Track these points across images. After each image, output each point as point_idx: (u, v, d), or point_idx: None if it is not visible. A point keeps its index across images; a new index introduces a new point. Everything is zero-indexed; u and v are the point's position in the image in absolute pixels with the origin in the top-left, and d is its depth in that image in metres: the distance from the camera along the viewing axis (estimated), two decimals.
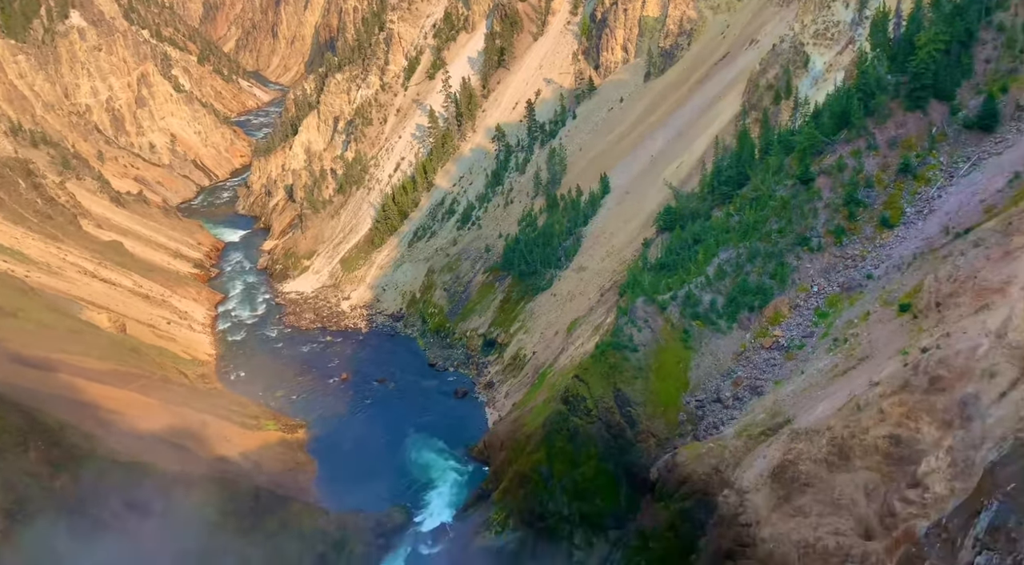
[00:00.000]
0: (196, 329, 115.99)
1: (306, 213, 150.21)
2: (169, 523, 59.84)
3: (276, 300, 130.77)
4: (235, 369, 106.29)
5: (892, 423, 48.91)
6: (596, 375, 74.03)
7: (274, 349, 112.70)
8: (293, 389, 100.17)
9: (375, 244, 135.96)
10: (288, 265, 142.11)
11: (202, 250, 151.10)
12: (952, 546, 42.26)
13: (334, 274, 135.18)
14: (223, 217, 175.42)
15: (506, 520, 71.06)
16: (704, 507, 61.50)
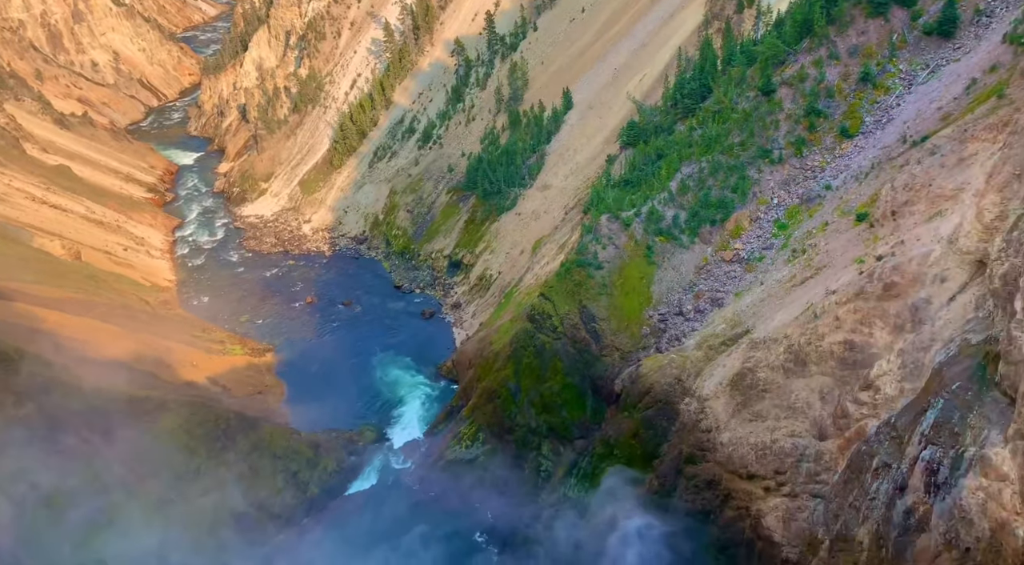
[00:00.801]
0: (154, 255, 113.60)
1: (261, 134, 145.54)
2: (139, 448, 60.17)
3: (235, 224, 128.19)
4: (197, 295, 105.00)
5: (847, 329, 50.59)
6: (561, 293, 74.90)
7: (236, 274, 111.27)
8: (258, 313, 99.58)
9: (334, 165, 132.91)
10: (245, 188, 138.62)
11: (155, 174, 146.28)
12: (900, 443, 44.62)
13: (293, 197, 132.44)
14: (175, 139, 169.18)
15: (476, 434, 72.88)
16: (666, 415, 63.75)
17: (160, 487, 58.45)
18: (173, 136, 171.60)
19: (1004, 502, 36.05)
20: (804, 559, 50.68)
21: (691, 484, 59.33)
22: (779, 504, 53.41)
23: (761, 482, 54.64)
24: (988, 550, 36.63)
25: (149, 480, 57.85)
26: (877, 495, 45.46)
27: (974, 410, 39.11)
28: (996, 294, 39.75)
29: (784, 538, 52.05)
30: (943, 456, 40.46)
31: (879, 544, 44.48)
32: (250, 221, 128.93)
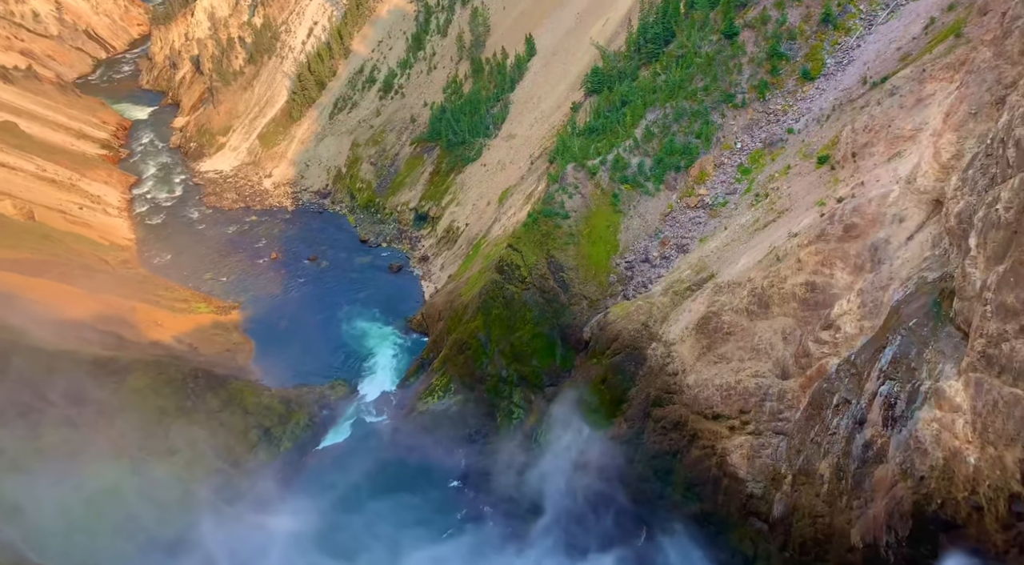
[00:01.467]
0: (111, 213, 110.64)
1: (216, 86, 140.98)
2: (107, 408, 59.61)
3: (194, 180, 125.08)
4: (158, 253, 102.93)
5: (808, 271, 51.59)
6: (529, 243, 74.95)
7: (197, 231, 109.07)
8: (222, 271, 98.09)
9: (293, 118, 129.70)
10: (203, 143, 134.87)
11: (108, 129, 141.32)
12: (859, 379, 46.08)
13: (253, 151, 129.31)
14: (126, 93, 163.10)
15: (447, 385, 73.46)
16: (634, 360, 64.85)
17: (131, 447, 58.13)
18: (124, 90, 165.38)
19: (957, 432, 37.61)
20: (768, 493, 52.63)
21: (658, 426, 60.78)
22: (744, 442, 55.08)
23: (726, 422, 56.19)
24: (941, 478, 38.32)
25: (117, 440, 57.47)
26: (837, 430, 47.11)
27: (930, 345, 40.43)
28: (951, 232, 40.75)
29: (749, 474, 53.84)
30: (900, 390, 41.95)
31: (839, 476, 46.28)
32: (209, 177, 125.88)
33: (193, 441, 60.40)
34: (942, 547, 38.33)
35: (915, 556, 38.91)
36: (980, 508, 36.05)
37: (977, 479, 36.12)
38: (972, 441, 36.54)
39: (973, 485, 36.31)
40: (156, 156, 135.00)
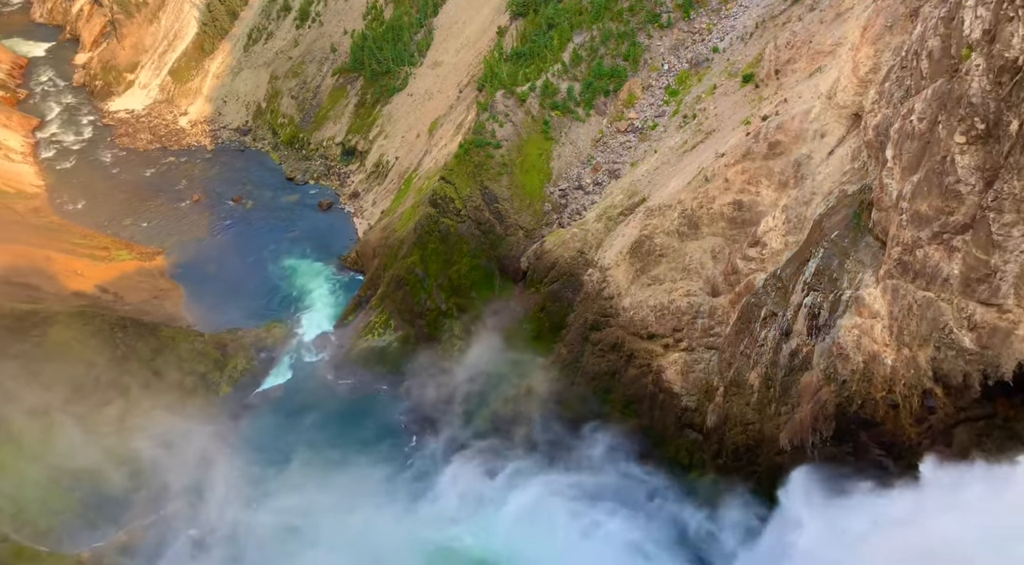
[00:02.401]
0: (15, 159, 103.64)
1: (119, 19, 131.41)
2: (31, 363, 57.30)
3: (103, 121, 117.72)
4: (71, 200, 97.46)
5: (735, 190, 52.76)
6: (462, 175, 74.02)
7: (112, 175, 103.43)
8: (142, 216, 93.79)
9: (206, 51, 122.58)
10: (110, 80, 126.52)
11: (2, 68, 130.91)
12: (785, 292, 47.99)
13: (165, 88, 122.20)
14: (17, 27, 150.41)
15: (387, 321, 73.20)
16: (571, 287, 65.85)
17: (58, 401, 56.33)
18: (15, 24, 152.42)
19: (875, 336, 39.78)
20: (702, 406, 55.11)
21: (597, 349, 62.38)
22: (678, 359, 57.15)
23: (661, 340, 58.06)
24: (861, 380, 40.70)
25: (44, 394, 55.53)
26: (765, 342, 49.26)
27: (850, 256, 42.23)
28: (870, 145, 42.09)
29: (683, 389, 56.10)
30: (823, 300, 43.94)
31: (767, 385, 48.65)
32: (120, 117, 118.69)
33: (124, 391, 58.88)
34: (862, 443, 41.09)
35: (838, 453, 41.64)
36: (896, 405, 38.62)
37: (894, 379, 38.55)
38: (889, 344, 38.81)
39: (890, 385, 38.78)
40: (59, 96, 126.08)
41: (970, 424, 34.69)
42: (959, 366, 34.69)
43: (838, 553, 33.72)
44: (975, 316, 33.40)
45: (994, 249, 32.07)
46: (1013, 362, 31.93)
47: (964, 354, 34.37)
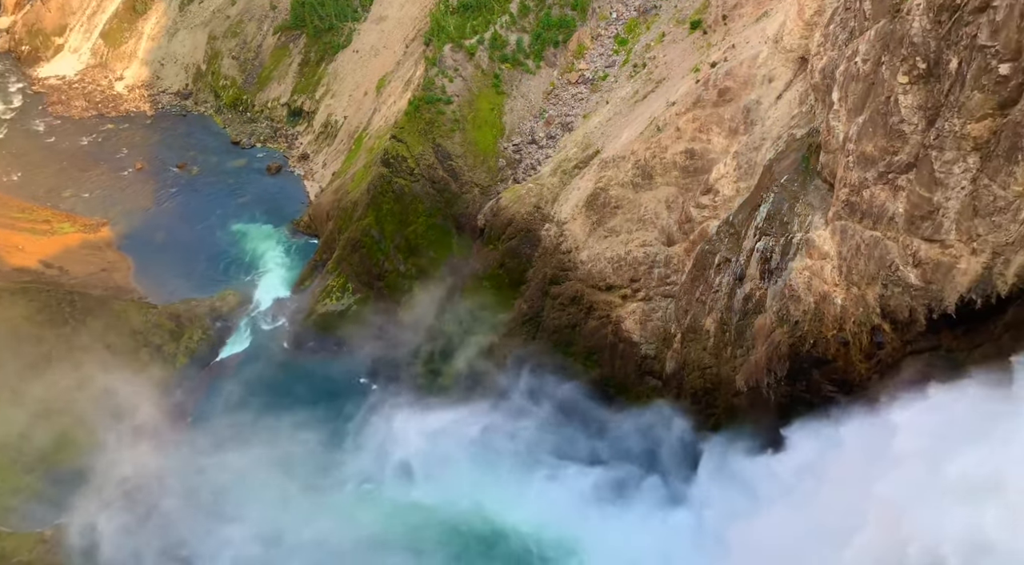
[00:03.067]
0: None
1: None
2: None
3: (33, 88, 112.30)
4: (5, 172, 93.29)
5: (687, 139, 53.05)
6: (413, 133, 72.87)
7: (47, 144, 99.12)
8: (82, 186, 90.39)
9: (138, 11, 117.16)
10: (37, 45, 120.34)
11: None
12: (738, 238, 48.79)
13: (98, 52, 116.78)
14: None
15: (345, 285, 72.51)
16: (529, 243, 65.92)
17: (10, 380, 54.81)
18: None
19: (825, 277, 40.82)
20: (660, 353, 56.21)
21: (557, 303, 62.87)
22: (636, 308, 57.98)
23: (619, 291, 58.77)
24: (813, 320, 41.85)
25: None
26: (720, 287, 50.21)
27: (800, 199, 43.01)
28: (816, 88, 42.58)
29: (642, 337, 57.07)
30: (775, 244, 44.81)
31: (723, 329, 49.77)
32: (51, 83, 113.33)
33: (78, 366, 57.53)
34: (815, 381, 42.50)
35: (792, 392, 43.02)
36: (847, 343, 39.89)
37: (844, 317, 39.74)
38: (839, 284, 39.90)
39: (840, 323, 39.98)
40: None
41: (916, 356, 36.05)
42: (905, 302, 35.87)
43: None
44: (919, 253, 34.46)
45: (936, 187, 32.97)
46: (955, 295, 33.14)
47: (910, 290, 35.52)
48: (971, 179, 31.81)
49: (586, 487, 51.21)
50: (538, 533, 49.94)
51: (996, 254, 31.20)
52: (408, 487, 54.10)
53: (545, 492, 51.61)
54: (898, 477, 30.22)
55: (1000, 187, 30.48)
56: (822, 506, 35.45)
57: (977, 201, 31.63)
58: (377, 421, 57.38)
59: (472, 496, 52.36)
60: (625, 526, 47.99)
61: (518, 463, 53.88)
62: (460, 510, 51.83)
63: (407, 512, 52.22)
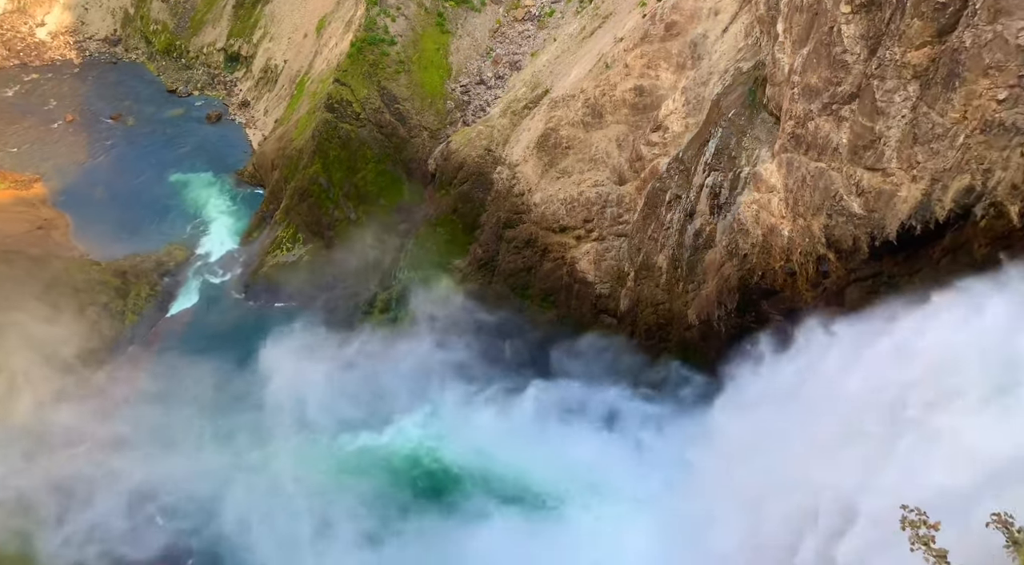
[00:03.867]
0: None
1: None
2: None
3: None
4: None
5: (636, 75, 52.71)
6: (357, 76, 70.86)
7: None
8: (9, 140, 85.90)
9: None
10: None
11: None
12: (687, 175, 49.15)
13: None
14: None
15: (295, 235, 71.18)
16: (481, 187, 65.38)
17: None
18: None
19: (773, 210, 41.53)
20: (615, 292, 56.95)
21: (512, 246, 62.88)
22: (590, 249, 58.40)
23: (573, 232, 58.99)
24: (761, 252, 42.74)
25: None
26: (671, 224, 50.77)
27: (747, 133, 43.34)
28: (761, 20, 42.48)
29: (596, 277, 57.65)
30: (723, 179, 45.30)
31: (675, 266, 50.53)
32: None
33: (20, 327, 55.72)
34: (764, 312, 43.67)
35: (742, 323, 44.19)
36: (794, 273, 40.94)
37: (791, 248, 40.68)
38: (785, 216, 40.68)
39: (788, 254, 40.94)
40: None
41: (860, 283, 37.22)
42: (849, 231, 36.80)
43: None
44: (862, 182, 35.22)
45: (878, 116, 33.51)
46: (896, 222, 34.09)
47: (853, 219, 36.41)
48: (911, 107, 32.41)
49: (531, 412, 52.43)
50: (489, 461, 50.94)
51: (935, 180, 32.07)
52: (360, 431, 54.57)
53: (493, 421, 52.51)
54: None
55: (938, 114, 31.12)
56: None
57: (917, 129, 32.29)
58: (331, 368, 57.21)
59: (425, 434, 53.37)
60: (575, 444, 49.41)
61: (470, 397, 54.74)
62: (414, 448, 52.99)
63: (359, 454, 52.94)
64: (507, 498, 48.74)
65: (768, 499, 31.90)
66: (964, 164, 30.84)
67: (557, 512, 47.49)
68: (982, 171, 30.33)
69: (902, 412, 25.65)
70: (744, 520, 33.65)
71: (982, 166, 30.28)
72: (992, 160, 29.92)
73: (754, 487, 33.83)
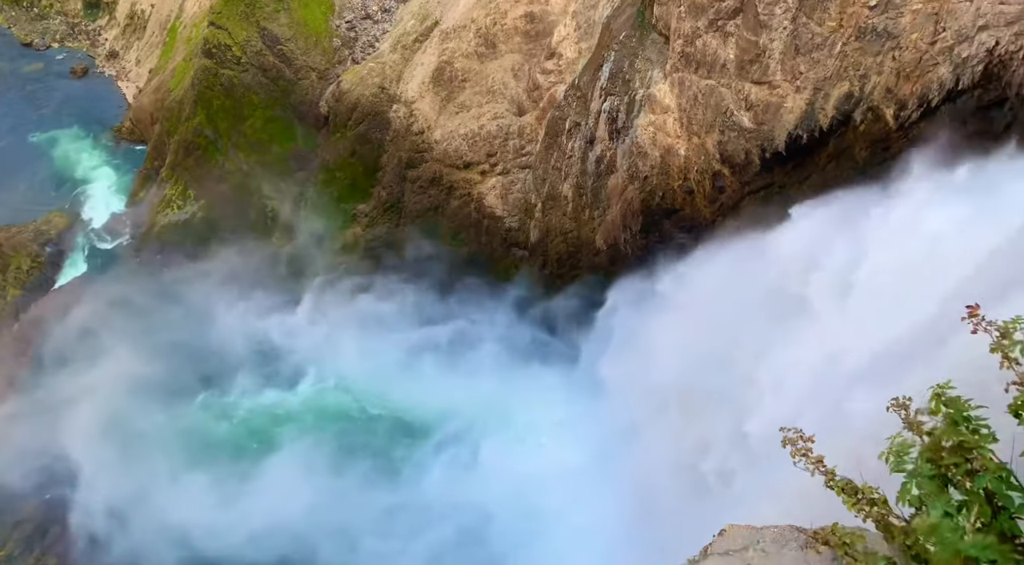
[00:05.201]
0: None
1: None
2: None
3: None
4: None
5: (525, 2, 51.87)
6: (233, 17, 66.70)
7: None
8: None
9: None
10: None
11: None
12: (585, 101, 49.28)
13: None
14: None
15: (184, 192, 67.55)
16: (378, 127, 63.53)
17: None
18: None
19: (668, 130, 42.31)
20: (524, 224, 57.23)
21: (416, 186, 61.84)
22: (496, 183, 58.17)
23: (477, 168, 58.48)
24: (660, 173, 43.67)
25: None
26: (573, 153, 51.07)
27: (639, 55, 43.59)
28: None
29: (505, 211, 57.69)
30: (620, 103, 45.64)
31: (580, 193, 51.13)
32: None
33: None
34: (667, 231, 44.99)
35: (647, 243, 45.45)
36: (692, 191, 42.16)
37: (688, 167, 41.74)
38: (681, 135, 41.56)
39: (685, 173, 42.02)
40: None
41: (754, 196, 38.76)
42: (741, 145, 38.02)
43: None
44: (750, 96, 36.26)
45: (761, 29, 34.32)
46: (784, 133, 35.45)
47: (744, 133, 37.59)
48: (791, 19, 33.31)
49: (444, 350, 52.96)
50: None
51: (817, 89, 33.36)
52: (285, 390, 53.85)
53: (402, 365, 52.75)
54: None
55: (816, 24, 32.17)
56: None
57: (798, 40, 33.32)
58: (243, 326, 55.74)
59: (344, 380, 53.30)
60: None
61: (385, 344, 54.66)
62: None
63: (285, 415, 52.33)
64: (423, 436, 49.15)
65: (679, 396, 33.80)
66: (842, 71, 32.16)
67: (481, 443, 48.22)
68: (859, 77, 31.73)
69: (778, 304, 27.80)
70: (659, 420, 35.64)
71: (858, 72, 31.66)
72: (867, 66, 31.32)
73: (664, 388, 35.93)
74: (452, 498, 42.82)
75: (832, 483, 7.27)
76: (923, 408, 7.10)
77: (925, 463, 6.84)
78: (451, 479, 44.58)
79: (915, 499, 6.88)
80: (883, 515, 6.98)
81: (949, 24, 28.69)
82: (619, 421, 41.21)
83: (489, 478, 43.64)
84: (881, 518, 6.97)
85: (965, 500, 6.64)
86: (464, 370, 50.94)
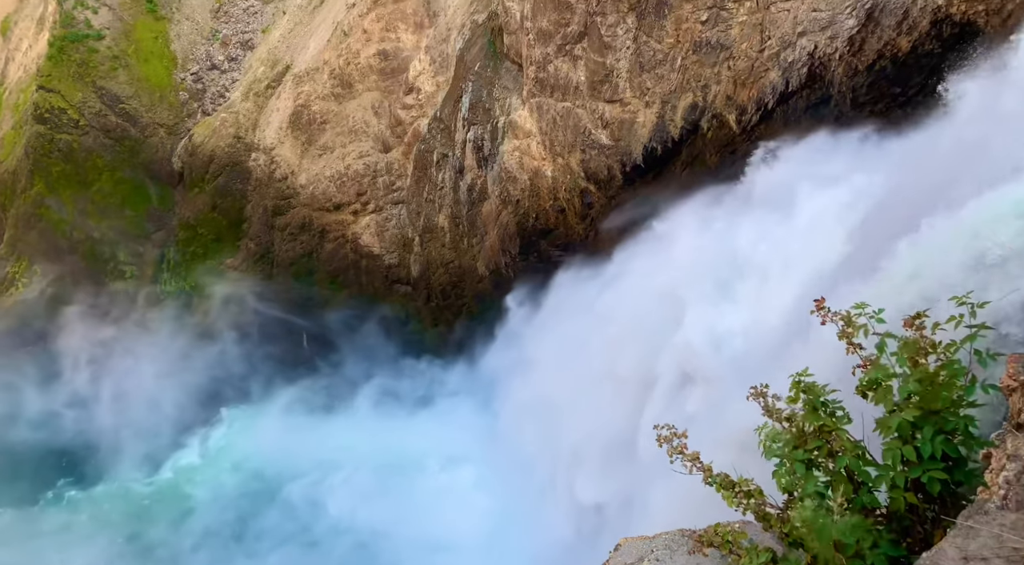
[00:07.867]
0: None
1: None
2: None
3: None
4: None
5: (377, 40, 51.81)
6: (65, 79, 62.66)
7: None
8: None
9: None
10: None
11: None
12: (449, 132, 49.65)
13: None
14: None
15: (29, 268, 62.43)
16: (239, 177, 61.36)
17: None
18: None
19: (533, 153, 43.24)
20: (404, 260, 56.65)
21: (286, 234, 59.98)
22: (369, 221, 57.34)
23: (348, 208, 57.44)
24: (531, 195, 44.50)
25: None
26: (444, 184, 51.23)
27: (496, 84, 44.45)
28: None
29: (382, 248, 56.90)
30: (483, 132, 46.30)
31: (456, 223, 51.25)
32: None
33: None
34: (544, 250, 45.75)
35: (527, 265, 46.03)
36: (563, 210, 43.18)
37: (556, 187, 42.76)
38: (546, 157, 42.56)
39: (554, 193, 43.00)
40: None
41: (620, 208, 40.12)
42: (603, 161, 39.34)
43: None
44: (605, 114, 37.65)
45: (607, 50, 35.81)
46: (640, 147, 36.98)
47: (604, 150, 38.94)
48: (633, 38, 34.96)
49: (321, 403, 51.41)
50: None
51: (664, 103, 35.07)
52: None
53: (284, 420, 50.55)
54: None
55: (656, 41, 33.91)
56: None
57: (641, 58, 34.97)
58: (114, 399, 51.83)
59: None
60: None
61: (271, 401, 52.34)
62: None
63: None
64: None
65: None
66: (685, 84, 34.00)
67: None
68: (701, 88, 33.63)
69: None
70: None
71: (700, 83, 33.56)
72: (707, 77, 33.25)
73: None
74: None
75: (710, 479, 7.42)
76: (781, 396, 7.43)
77: (792, 449, 7.12)
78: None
79: (789, 484, 7.14)
80: (760, 506, 7.18)
81: (773, 32, 30.95)
82: (514, 451, 40.88)
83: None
84: (758, 509, 7.17)
85: (830, 480, 6.98)
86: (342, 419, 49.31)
